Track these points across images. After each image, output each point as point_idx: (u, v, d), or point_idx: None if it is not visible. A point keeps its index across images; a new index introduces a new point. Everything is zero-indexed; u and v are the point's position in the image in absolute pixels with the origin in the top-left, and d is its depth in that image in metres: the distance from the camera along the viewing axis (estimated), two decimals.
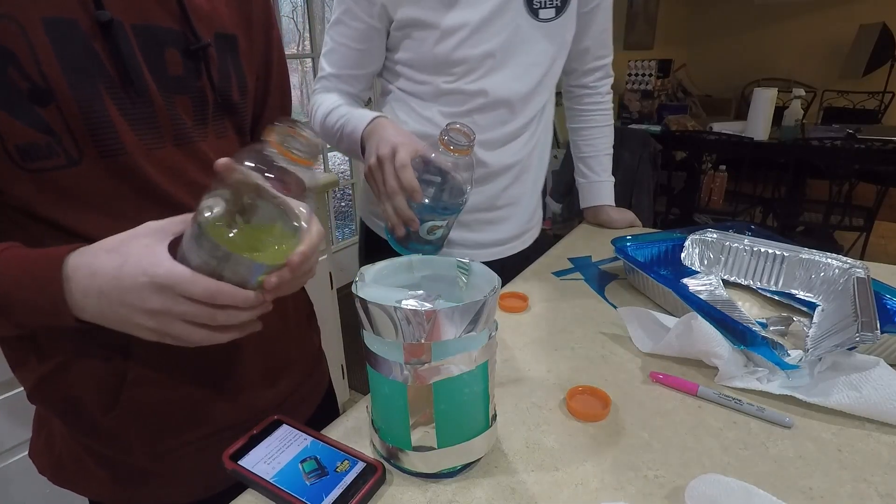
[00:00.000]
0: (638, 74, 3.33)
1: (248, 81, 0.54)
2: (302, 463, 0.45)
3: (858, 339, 0.51)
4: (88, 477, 0.53)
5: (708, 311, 0.61)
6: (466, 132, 0.63)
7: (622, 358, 0.62)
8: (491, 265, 0.47)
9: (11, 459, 1.02)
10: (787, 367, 0.55)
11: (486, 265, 0.47)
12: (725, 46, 4.96)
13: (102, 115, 0.42)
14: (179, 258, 0.38)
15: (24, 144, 0.40)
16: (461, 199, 0.68)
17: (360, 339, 0.43)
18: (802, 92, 2.76)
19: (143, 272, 0.37)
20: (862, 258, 0.83)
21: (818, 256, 0.74)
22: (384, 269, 0.48)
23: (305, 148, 0.39)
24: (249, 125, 0.57)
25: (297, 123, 0.39)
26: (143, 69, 0.44)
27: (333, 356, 1.80)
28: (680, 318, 0.59)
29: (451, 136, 0.63)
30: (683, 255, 0.85)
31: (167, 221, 0.40)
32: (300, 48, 3.00)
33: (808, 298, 0.73)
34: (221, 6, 0.51)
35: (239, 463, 0.45)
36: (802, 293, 0.74)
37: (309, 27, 2.67)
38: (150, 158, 0.45)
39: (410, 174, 0.64)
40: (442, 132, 0.64)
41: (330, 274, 1.70)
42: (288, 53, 2.78)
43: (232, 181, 0.38)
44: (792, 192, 2.89)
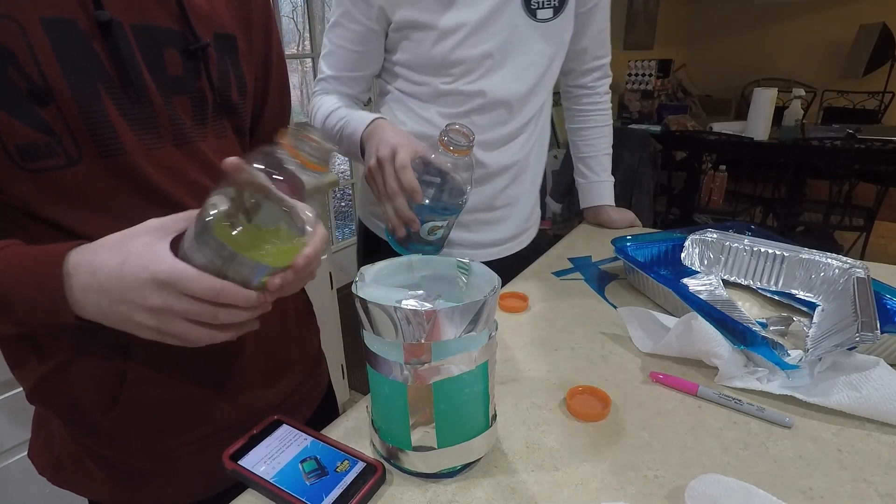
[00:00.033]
0: (638, 74, 3.33)
1: (247, 82, 0.54)
2: (302, 463, 0.45)
3: (858, 339, 0.51)
4: (88, 477, 0.53)
5: (708, 311, 0.61)
6: (466, 133, 0.63)
7: (622, 358, 0.62)
8: (489, 265, 0.46)
9: (11, 459, 1.02)
10: (787, 367, 0.55)
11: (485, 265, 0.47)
12: (725, 46, 4.96)
13: (102, 114, 0.42)
14: (181, 256, 0.38)
15: (23, 144, 0.39)
16: (461, 199, 0.68)
17: (360, 339, 0.43)
18: (802, 92, 2.76)
19: (144, 269, 0.37)
20: (862, 258, 0.83)
21: (818, 256, 0.74)
22: (384, 269, 0.48)
23: (317, 153, 0.39)
24: (249, 125, 0.57)
25: (309, 128, 0.39)
26: (142, 69, 0.44)
27: (333, 356, 1.80)
28: (680, 318, 0.59)
29: (450, 136, 0.63)
30: (683, 255, 0.85)
31: (168, 219, 0.40)
32: (300, 48, 3.00)
33: (808, 298, 0.73)
34: (221, 6, 0.51)
35: (239, 463, 0.45)
36: (802, 293, 0.74)
37: (309, 27, 2.67)
38: (149, 158, 0.45)
39: (410, 175, 0.64)
40: (441, 133, 0.64)
41: (330, 274, 1.70)
42: (288, 53, 2.77)
43: (240, 181, 0.38)
44: (792, 192, 2.89)
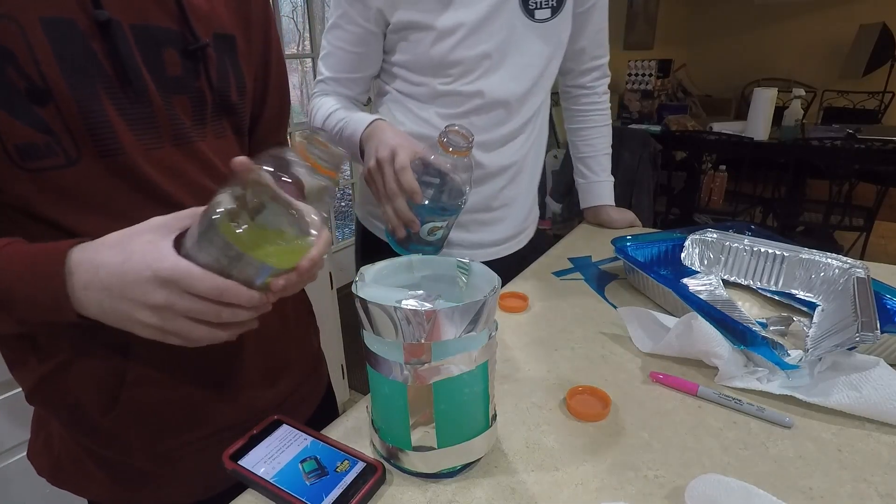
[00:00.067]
0: (638, 74, 3.33)
1: (246, 82, 0.54)
2: (302, 463, 0.45)
3: (858, 339, 0.51)
4: (88, 478, 0.53)
5: (708, 311, 0.61)
6: (465, 134, 0.64)
7: (622, 358, 0.62)
8: (488, 265, 0.46)
9: (11, 459, 1.02)
10: (787, 367, 0.55)
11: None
12: (725, 46, 4.96)
13: (101, 114, 0.42)
14: (184, 254, 0.38)
15: (23, 144, 0.39)
16: (461, 199, 0.68)
17: (360, 339, 0.43)
18: (802, 92, 2.76)
19: (147, 266, 0.37)
20: (862, 258, 0.82)
21: (818, 256, 0.74)
22: (384, 269, 0.48)
23: (329, 158, 0.39)
24: (248, 125, 0.57)
25: (322, 133, 0.40)
26: (141, 69, 0.44)
27: (333, 356, 1.80)
28: (680, 318, 0.59)
29: (449, 137, 0.64)
30: (683, 255, 0.85)
31: (171, 217, 0.40)
32: (300, 48, 3.00)
33: (808, 298, 0.73)
34: (220, 6, 0.51)
35: (239, 463, 0.45)
36: (802, 293, 0.74)
37: (309, 27, 2.67)
38: (148, 158, 0.45)
39: (410, 176, 0.64)
40: (441, 134, 0.64)
41: (330, 274, 1.70)
42: (288, 53, 2.77)
43: (249, 181, 0.38)
44: (792, 192, 2.89)
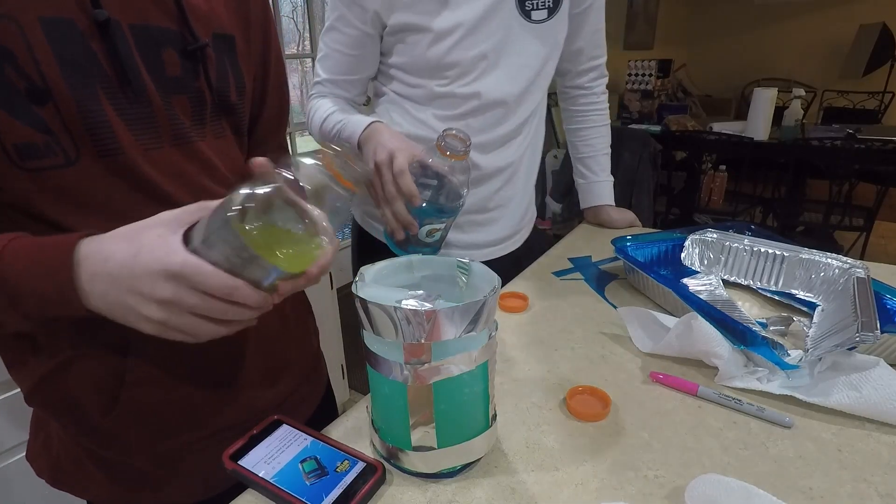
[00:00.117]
0: (638, 74, 3.33)
1: (245, 82, 0.54)
2: (302, 463, 0.45)
3: (858, 339, 0.51)
4: (87, 479, 0.53)
5: (708, 311, 0.61)
6: (462, 138, 0.64)
7: (622, 358, 0.62)
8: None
9: (11, 459, 1.02)
10: (787, 367, 0.55)
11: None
12: (725, 46, 4.96)
13: (100, 114, 0.42)
14: (192, 249, 0.38)
15: (22, 144, 0.39)
16: (458, 201, 0.69)
17: (360, 339, 0.43)
18: (802, 92, 2.76)
19: (157, 261, 0.36)
20: (862, 258, 0.82)
21: (818, 256, 0.74)
22: (384, 269, 0.48)
23: (350, 171, 0.40)
24: (247, 125, 0.57)
25: (350, 150, 0.41)
26: (140, 69, 0.44)
27: (333, 356, 1.80)
28: (680, 318, 0.59)
29: (447, 141, 0.64)
30: (683, 255, 0.85)
31: (181, 211, 0.40)
32: (300, 48, 3.00)
33: (808, 298, 0.73)
34: (219, 6, 0.51)
35: (239, 463, 0.45)
36: (802, 293, 0.74)
37: (309, 27, 2.68)
38: (147, 158, 0.45)
39: (409, 180, 0.64)
40: (438, 138, 0.65)
41: (330, 274, 1.70)
42: (288, 53, 2.76)
43: (267, 183, 0.37)
44: (792, 192, 2.89)
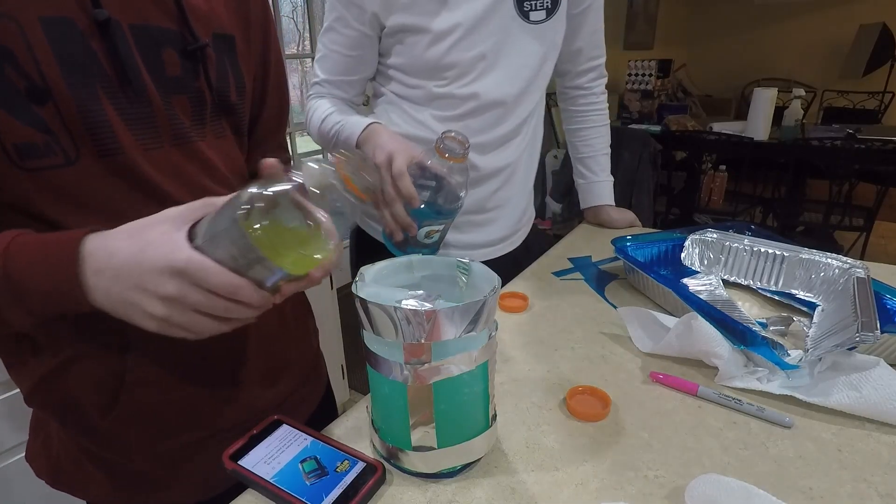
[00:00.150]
0: (638, 74, 3.33)
1: (245, 82, 0.54)
2: (302, 463, 0.45)
3: (858, 339, 0.51)
4: (87, 480, 0.53)
5: (708, 311, 0.61)
6: (461, 140, 0.65)
7: (622, 358, 0.62)
8: None
9: (11, 459, 1.02)
10: (787, 367, 0.55)
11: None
12: (725, 46, 4.96)
13: (100, 114, 0.42)
14: (196, 246, 0.38)
15: (22, 143, 0.39)
16: (457, 203, 0.69)
17: (360, 339, 0.43)
18: (802, 92, 2.76)
19: (162, 257, 0.36)
20: (862, 258, 0.83)
21: (818, 256, 0.74)
22: (384, 269, 0.48)
23: (361, 179, 0.40)
24: (247, 125, 0.57)
25: (364, 157, 0.41)
26: (140, 69, 0.44)
27: (333, 356, 1.79)
28: (680, 318, 0.59)
29: (446, 144, 0.64)
30: (683, 255, 0.85)
31: (185, 207, 0.40)
32: (300, 48, 3.00)
33: (808, 298, 0.73)
34: (219, 6, 0.51)
35: (239, 463, 0.45)
36: (802, 293, 0.74)
37: (309, 27, 2.67)
38: (147, 158, 0.45)
39: (408, 182, 0.64)
40: (437, 140, 0.65)
41: (330, 274, 1.70)
42: (288, 53, 2.75)
43: (277, 184, 0.37)
44: (792, 192, 2.89)
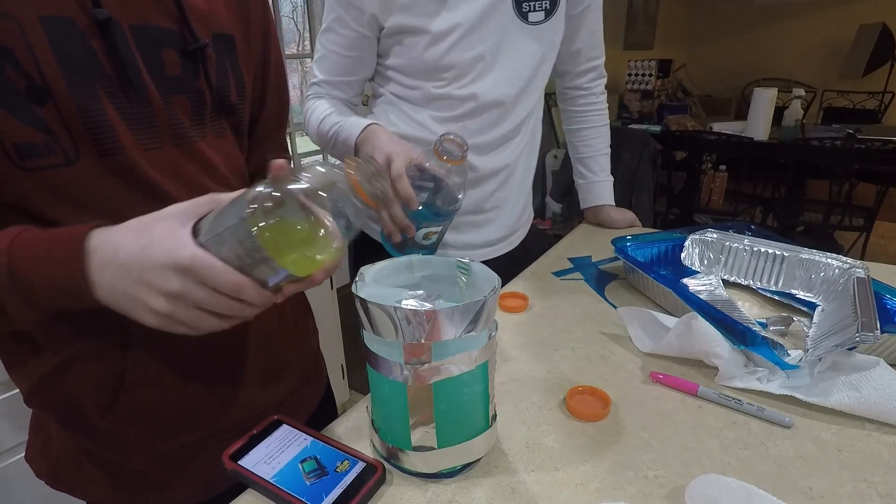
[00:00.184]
0: (638, 74, 3.33)
1: (245, 82, 0.54)
2: (302, 463, 0.45)
3: (858, 339, 0.51)
4: (87, 480, 0.53)
5: (708, 311, 0.61)
6: (460, 143, 0.65)
7: (622, 358, 0.62)
8: None
9: (11, 460, 1.02)
10: (787, 367, 0.55)
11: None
12: (725, 46, 4.96)
13: (100, 114, 0.42)
14: (200, 242, 0.37)
15: (22, 143, 0.39)
16: (455, 205, 0.69)
17: (360, 339, 0.43)
18: (802, 92, 2.76)
19: (167, 254, 0.36)
20: (862, 258, 0.83)
21: (818, 256, 0.74)
22: (384, 269, 0.48)
23: (370, 185, 0.40)
24: (247, 125, 0.57)
25: (374, 164, 0.42)
26: (140, 69, 0.44)
27: (333, 356, 1.79)
28: (680, 318, 0.59)
29: (444, 146, 0.64)
30: (683, 255, 0.85)
31: (190, 203, 0.40)
32: (300, 48, 3.00)
33: (808, 298, 0.73)
34: (219, 6, 0.51)
35: (239, 463, 0.45)
36: (802, 293, 0.74)
37: (309, 27, 2.67)
38: (148, 158, 0.45)
39: (406, 184, 0.64)
40: (436, 143, 0.65)
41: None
42: (288, 53, 2.75)
43: (289, 189, 0.37)
44: (792, 192, 2.89)
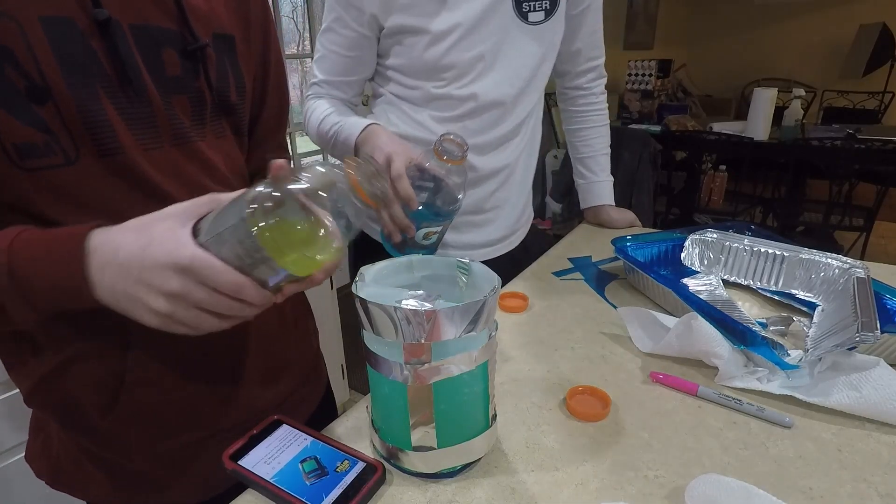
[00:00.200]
0: (638, 74, 3.33)
1: (245, 82, 0.54)
2: (302, 463, 0.45)
3: (858, 339, 0.51)
4: (87, 480, 0.53)
5: (708, 311, 0.61)
6: (460, 143, 0.65)
7: (622, 358, 0.62)
8: None
9: (11, 459, 1.02)
10: (787, 367, 0.55)
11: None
12: (725, 46, 4.96)
13: (100, 114, 0.42)
14: (200, 242, 0.37)
15: (22, 143, 0.39)
16: (455, 205, 0.69)
17: (360, 339, 0.43)
18: (802, 92, 2.76)
19: (167, 254, 0.36)
20: (862, 258, 0.83)
21: (818, 256, 0.74)
22: (384, 269, 0.48)
23: (370, 186, 0.40)
24: (247, 125, 0.57)
25: (376, 166, 0.41)
26: (140, 69, 0.44)
27: (333, 356, 1.79)
28: (680, 318, 0.59)
29: (444, 146, 0.64)
30: (683, 255, 0.85)
31: (190, 204, 0.40)
32: (300, 48, 3.00)
33: (808, 298, 0.73)
34: (219, 6, 0.51)
35: (239, 463, 0.45)
36: (802, 293, 0.74)
37: (309, 27, 2.67)
38: (148, 158, 0.45)
39: (406, 184, 0.64)
40: (436, 143, 0.65)
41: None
42: (288, 53, 2.75)
43: (286, 188, 0.37)
44: (792, 192, 2.89)
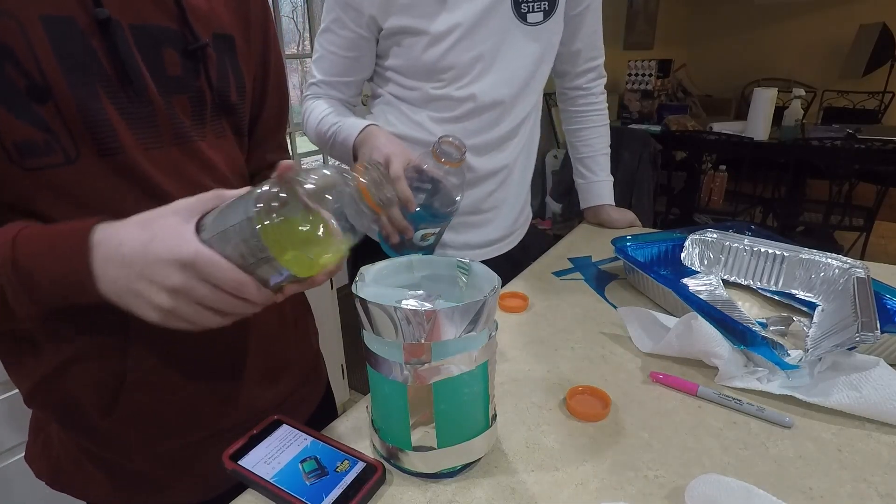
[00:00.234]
0: (638, 74, 3.33)
1: (245, 82, 0.54)
2: (302, 463, 0.45)
3: (858, 339, 0.51)
4: (87, 480, 0.53)
5: (708, 311, 0.61)
6: (458, 145, 0.65)
7: (622, 358, 0.62)
8: None
9: (11, 460, 1.02)
10: (787, 367, 0.55)
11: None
12: (725, 46, 4.97)
13: (100, 113, 0.42)
14: (204, 238, 0.37)
15: (22, 142, 0.39)
16: (453, 206, 0.69)
17: (360, 339, 0.43)
18: (802, 92, 2.76)
19: (169, 249, 0.36)
20: (862, 258, 0.83)
21: (818, 256, 0.74)
22: (384, 269, 0.48)
23: (376, 191, 0.40)
24: (248, 125, 0.57)
25: (382, 167, 0.42)
26: (141, 68, 0.44)
27: (333, 356, 1.79)
28: (680, 318, 0.59)
29: (442, 148, 0.64)
30: (683, 255, 0.85)
31: (195, 200, 0.40)
32: (300, 48, 3.00)
33: (808, 298, 0.73)
34: (219, 6, 0.51)
35: (239, 463, 0.45)
36: (802, 293, 0.74)
37: (309, 27, 2.67)
38: (148, 157, 0.45)
39: (404, 185, 0.64)
40: (434, 145, 0.65)
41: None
42: (288, 53, 2.75)
43: (292, 189, 0.37)
44: (792, 192, 2.89)
